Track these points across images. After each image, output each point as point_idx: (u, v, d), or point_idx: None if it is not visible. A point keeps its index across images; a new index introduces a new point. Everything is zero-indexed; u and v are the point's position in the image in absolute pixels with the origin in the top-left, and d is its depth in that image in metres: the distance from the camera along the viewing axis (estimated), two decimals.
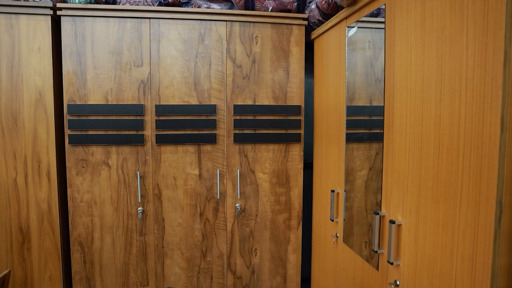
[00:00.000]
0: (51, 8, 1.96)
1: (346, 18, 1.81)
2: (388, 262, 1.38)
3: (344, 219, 1.88)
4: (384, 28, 1.48)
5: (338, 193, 1.95)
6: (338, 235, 1.95)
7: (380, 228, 1.51)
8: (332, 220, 1.96)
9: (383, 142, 1.51)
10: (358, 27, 1.74)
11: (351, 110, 1.84)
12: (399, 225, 1.36)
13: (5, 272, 1.34)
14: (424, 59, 1.19)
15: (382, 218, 1.50)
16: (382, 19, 1.59)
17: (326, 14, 2.00)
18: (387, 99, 1.47)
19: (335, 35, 1.94)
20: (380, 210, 1.53)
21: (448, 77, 1.06)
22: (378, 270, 1.54)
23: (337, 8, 1.96)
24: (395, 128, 1.40)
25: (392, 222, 1.36)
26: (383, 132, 1.51)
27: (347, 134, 1.86)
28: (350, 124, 1.84)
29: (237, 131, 2.15)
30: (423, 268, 1.21)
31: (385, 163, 1.49)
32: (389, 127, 1.45)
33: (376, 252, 1.51)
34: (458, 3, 1.01)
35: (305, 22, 2.17)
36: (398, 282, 1.36)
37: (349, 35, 1.82)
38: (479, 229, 0.94)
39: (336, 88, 1.94)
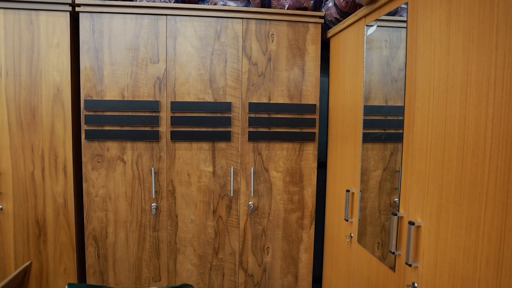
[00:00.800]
0: (70, 4, 1.96)
1: (365, 16, 1.78)
2: (406, 263, 1.35)
3: (359, 219, 1.86)
4: (406, 27, 1.45)
5: (353, 193, 1.92)
6: (352, 235, 1.92)
7: (398, 229, 1.48)
8: (347, 220, 1.94)
9: (402, 142, 1.48)
10: (377, 26, 1.71)
11: (368, 109, 1.81)
12: (419, 227, 1.33)
13: (27, 263, 1.34)
14: (449, 58, 1.16)
15: (400, 219, 1.47)
16: (402, 18, 1.56)
17: (344, 12, 1.97)
18: (408, 99, 1.44)
19: (353, 33, 1.91)
20: (398, 211, 1.50)
21: (475, 77, 1.03)
22: (394, 271, 1.51)
23: (355, 6, 1.93)
24: (415, 128, 1.37)
25: (411, 223, 1.33)
26: (402, 132, 1.48)
27: (363, 133, 1.83)
28: (366, 124, 1.82)
29: (251, 129, 2.13)
30: (443, 271, 1.18)
31: (404, 163, 1.46)
32: (409, 127, 1.42)
33: (393, 253, 1.48)
34: (488, 1, 0.98)
35: (322, 20, 2.14)
36: (416, 284, 1.33)
37: (367, 34, 1.79)
38: (506, 232, 0.91)
39: (353, 87, 1.91)
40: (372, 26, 1.74)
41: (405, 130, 1.47)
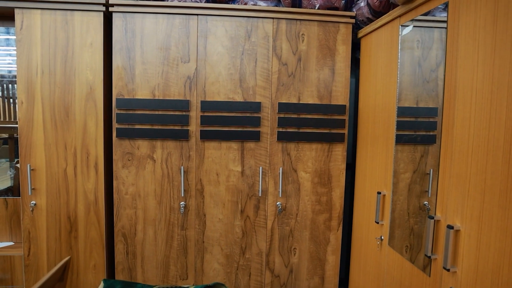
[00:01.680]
0: (103, 4, 2.02)
1: (400, 16, 1.78)
2: (444, 268, 1.34)
3: (390, 222, 1.85)
4: (446, 27, 1.43)
5: (384, 195, 1.92)
6: (383, 238, 1.91)
7: (434, 233, 1.47)
8: (378, 223, 1.93)
9: (440, 144, 1.47)
10: (413, 26, 1.70)
11: (401, 111, 1.80)
12: (458, 231, 1.32)
13: (66, 259, 1.39)
14: (494, 59, 1.14)
15: (436, 222, 1.46)
16: (438, 18, 1.55)
17: (377, 12, 1.96)
18: (447, 100, 1.43)
19: (386, 33, 1.90)
20: (435, 214, 1.49)
21: None
22: (430, 276, 1.50)
23: (389, 6, 1.92)
24: (455, 130, 1.35)
25: (450, 227, 1.32)
26: (435, 134, 1.47)
27: (397, 135, 1.82)
28: (399, 126, 1.81)
29: (280, 129, 2.14)
30: (485, 277, 1.17)
31: (442, 166, 1.45)
32: (448, 129, 1.41)
33: (429, 257, 1.47)
34: None
35: (353, 20, 2.14)
36: None
37: (402, 34, 1.78)
38: None
39: (386, 88, 1.91)
40: (408, 26, 1.73)
41: (443, 132, 1.46)
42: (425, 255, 1.51)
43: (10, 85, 2.32)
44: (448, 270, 1.33)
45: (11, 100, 2.34)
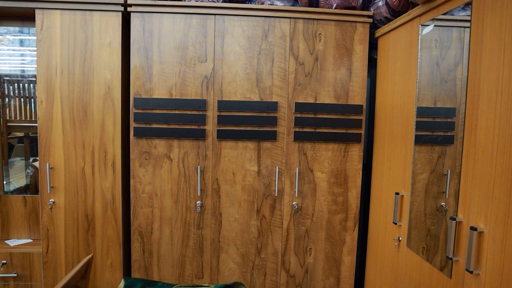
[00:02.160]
0: (122, 4, 2.04)
1: (420, 15, 1.77)
2: (467, 270, 1.34)
3: (408, 223, 1.84)
4: (470, 27, 1.42)
5: (402, 195, 1.91)
6: (401, 238, 1.90)
7: (456, 234, 1.46)
8: (395, 224, 1.92)
9: (462, 145, 1.46)
10: (434, 25, 1.69)
11: (419, 111, 1.79)
12: (481, 233, 1.31)
13: (89, 256, 1.42)
14: None
15: (458, 224, 1.45)
16: (461, 17, 1.54)
17: (396, 12, 1.96)
18: (470, 100, 1.42)
19: (405, 33, 1.89)
20: (456, 215, 1.48)
21: None
22: (451, 278, 1.49)
23: (408, 5, 1.91)
24: (479, 131, 1.35)
25: (473, 229, 1.31)
26: (462, 135, 1.46)
27: (416, 135, 1.81)
28: (418, 126, 1.80)
29: (297, 129, 2.15)
30: (511, 280, 1.16)
31: (464, 167, 1.44)
32: (471, 129, 1.40)
33: (451, 259, 1.46)
34: None
35: (370, 20, 2.13)
36: None
37: (422, 33, 1.77)
38: None
39: (405, 88, 1.90)
40: (428, 25, 1.72)
41: (465, 133, 1.45)
42: (446, 257, 1.50)
43: (25, 85, 2.35)
44: (471, 272, 1.32)
45: (27, 99, 2.37)
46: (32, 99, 2.38)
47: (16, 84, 2.33)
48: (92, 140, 2.11)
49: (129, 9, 2.06)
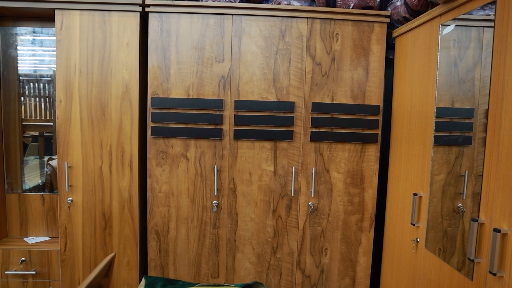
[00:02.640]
0: (140, 5, 2.06)
1: (440, 15, 1.76)
2: (490, 272, 1.33)
3: (427, 224, 1.84)
4: (493, 26, 1.42)
5: (420, 196, 1.91)
6: (419, 240, 1.90)
7: (478, 236, 1.46)
8: (413, 225, 1.92)
9: (485, 146, 1.46)
10: (455, 25, 1.68)
11: (438, 112, 1.79)
12: (505, 234, 1.31)
13: (112, 255, 1.44)
14: None
15: (480, 225, 1.45)
16: (482, 16, 1.53)
17: (415, 11, 1.96)
18: (493, 101, 1.41)
19: (425, 33, 1.89)
20: (478, 217, 1.48)
21: None
22: (472, 280, 1.49)
23: (427, 5, 1.91)
24: (503, 132, 1.34)
25: (497, 230, 1.31)
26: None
27: (435, 136, 1.81)
28: (437, 127, 1.80)
29: (313, 129, 2.15)
30: None
31: (487, 168, 1.44)
32: (494, 130, 1.40)
33: (472, 260, 1.46)
34: None
35: (388, 20, 2.13)
36: None
37: (442, 33, 1.76)
38: None
39: (423, 89, 1.90)
40: (449, 25, 1.72)
41: (488, 134, 1.44)
42: (468, 259, 1.50)
43: (41, 84, 2.38)
44: (495, 274, 1.32)
45: (41, 99, 2.40)
46: (47, 99, 2.41)
47: (31, 84, 2.37)
48: (110, 139, 2.14)
49: (147, 9, 2.08)
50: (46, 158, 2.51)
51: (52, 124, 2.43)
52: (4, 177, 2.33)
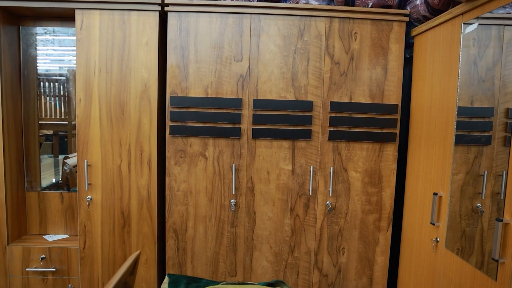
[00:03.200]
0: (159, 4, 2.08)
1: (462, 14, 1.76)
2: None
3: (447, 223, 1.84)
4: None
5: (440, 196, 1.91)
6: (438, 239, 1.90)
7: (502, 236, 1.46)
8: (433, 224, 1.92)
9: (510, 145, 1.46)
10: (479, 24, 1.68)
11: (460, 111, 1.79)
12: None
13: (137, 253, 1.45)
14: None
15: (504, 225, 1.45)
16: (506, 14, 1.53)
17: (436, 10, 1.95)
18: None
19: (446, 31, 1.89)
20: (503, 216, 1.48)
21: None
22: (496, 280, 1.49)
23: (448, 4, 1.91)
24: None
25: None
26: (510, 135, 1.46)
27: (456, 136, 1.81)
28: (458, 126, 1.80)
29: (332, 129, 2.16)
30: None
31: None
32: None
33: (497, 261, 1.46)
34: None
35: (407, 18, 2.13)
36: None
37: (465, 32, 1.76)
38: None
39: (444, 88, 1.90)
40: (471, 24, 1.72)
41: None
42: (492, 259, 1.50)
43: (57, 84, 2.40)
44: None
45: (56, 98, 2.43)
46: (62, 98, 2.43)
47: (46, 83, 2.39)
48: (129, 138, 2.16)
49: (166, 8, 2.10)
50: (60, 157, 2.53)
51: (66, 123, 2.46)
52: (24, 175, 2.36)
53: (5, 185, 2.16)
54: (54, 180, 2.48)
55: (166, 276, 1.59)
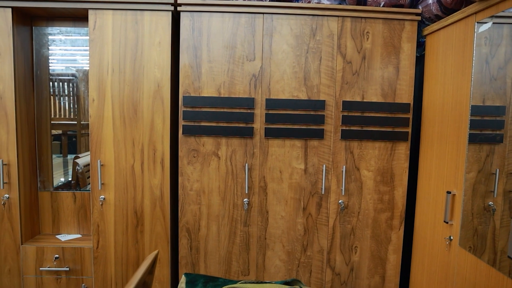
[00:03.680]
0: (172, 4, 2.09)
1: (476, 13, 1.77)
2: None
3: (461, 222, 1.85)
4: None
5: (454, 194, 1.92)
6: (452, 237, 1.92)
7: None
8: (447, 222, 1.94)
9: None
10: (493, 23, 1.69)
11: (474, 109, 1.80)
12: None
13: (155, 252, 1.47)
14: None
15: None
16: None
17: (448, 9, 1.97)
18: None
19: (459, 30, 1.90)
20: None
21: None
22: (511, 277, 1.50)
23: (461, 3, 1.92)
24: None
25: None
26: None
27: (470, 134, 1.82)
28: (472, 124, 1.81)
29: (344, 128, 2.18)
30: None
31: None
32: None
33: None
34: None
35: (418, 18, 2.15)
36: None
37: (478, 31, 1.78)
38: None
39: (457, 86, 1.91)
40: (485, 23, 1.73)
41: None
42: (508, 257, 1.52)
43: (66, 84, 2.42)
44: None
45: (65, 97, 2.44)
46: (71, 98, 2.44)
47: (55, 83, 2.40)
48: (142, 138, 2.17)
49: (178, 8, 2.11)
50: (68, 157, 2.54)
51: (75, 122, 2.48)
52: (37, 175, 2.37)
53: (19, 185, 2.18)
54: (63, 179, 2.49)
55: (183, 276, 1.60)
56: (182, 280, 1.59)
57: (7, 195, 2.17)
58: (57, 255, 2.22)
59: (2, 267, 2.21)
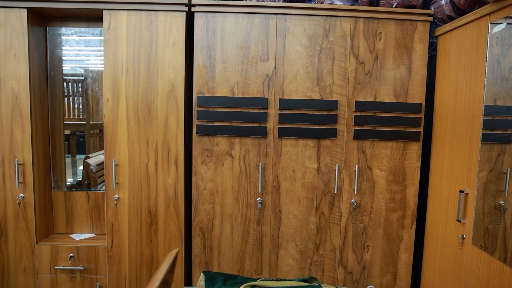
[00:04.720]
0: (186, 5, 2.13)
1: (489, 13, 1.81)
2: None
3: (474, 220, 1.89)
4: None
5: (467, 193, 1.96)
6: (465, 236, 1.96)
7: None
8: (459, 221, 1.98)
9: None
10: (507, 23, 1.73)
11: (487, 110, 1.84)
12: None
13: (175, 250, 1.51)
14: None
15: None
16: None
17: (461, 10, 2.01)
18: None
19: (472, 31, 1.94)
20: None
21: None
22: None
23: (474, 4, 1.96)
24: None
25: None
26: None
27: (483, 134, 1.86)
28: (485, 124, 1.85)
29: (356, 127, 2.22)
30: None
31: None
32: None
33: None
34: None
35: (431, 18, 2.19)
36: None
37: (492, 32, 1.81)
38: None
39: (470, 87, 1.95)
40: (499, 23, 1.77)
41: None
42: None
43: (74, 84, 2.45)
44: None
45: (75, 98, 2.47)
46: (81, 98, 2.48)
47: (64, 83, 2.43)
48: (156, 138, 2.21)
49: (193, 9, 2.15)
50: (77, 157, 2.57)
51: (85, 123, 2.51)
52: (51, 174, 2.41)
53: (34, 184, 2.21)
54: (71, 179, 2.53)
55: (202, 273, 1.64)
56: (201, 278, 1.63)
57: (22, 195, 2.21)
58: (72, 254, 2.26)
59: (18, 266, 2.25)
